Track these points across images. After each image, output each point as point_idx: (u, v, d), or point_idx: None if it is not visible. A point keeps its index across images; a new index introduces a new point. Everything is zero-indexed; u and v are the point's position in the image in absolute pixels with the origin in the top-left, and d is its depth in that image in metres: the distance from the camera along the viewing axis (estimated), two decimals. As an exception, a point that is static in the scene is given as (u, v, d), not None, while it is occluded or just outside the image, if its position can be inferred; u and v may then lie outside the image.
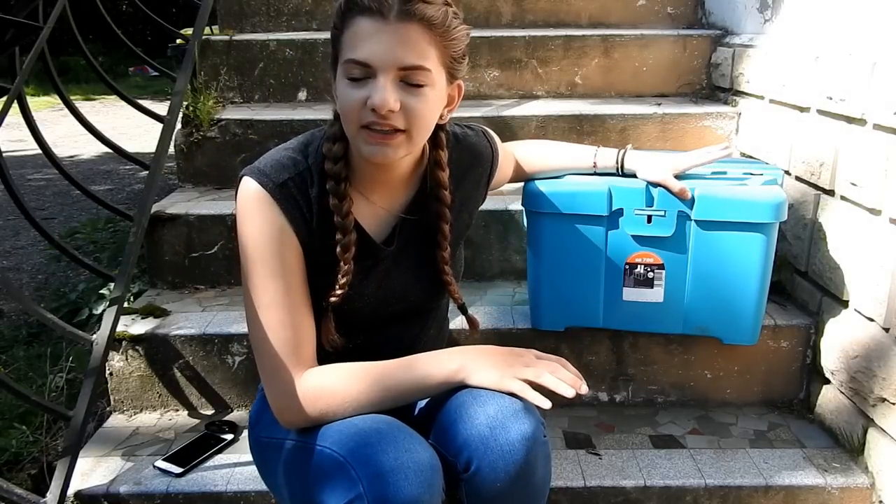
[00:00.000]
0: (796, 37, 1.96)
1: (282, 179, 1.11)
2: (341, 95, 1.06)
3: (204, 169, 2.20)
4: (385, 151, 1.07)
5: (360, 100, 1.03)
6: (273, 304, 1.11)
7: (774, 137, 1.96)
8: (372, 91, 1.02)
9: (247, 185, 1.11)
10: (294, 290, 1.13)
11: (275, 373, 1.12)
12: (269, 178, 1.11)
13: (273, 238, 1.11)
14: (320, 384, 1.11)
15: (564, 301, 1.65)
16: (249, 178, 1.11)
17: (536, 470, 1.08)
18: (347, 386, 1.11)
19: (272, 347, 1.11)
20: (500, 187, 1.53)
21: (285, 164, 1.13)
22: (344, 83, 1.05)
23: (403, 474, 0.99)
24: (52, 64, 1.85)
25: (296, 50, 2.40)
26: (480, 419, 1.06)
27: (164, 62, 2.68)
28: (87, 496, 1.48)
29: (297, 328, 1.13)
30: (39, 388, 1.96)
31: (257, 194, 1.10)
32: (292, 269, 1.13)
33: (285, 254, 1.12)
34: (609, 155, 1.55)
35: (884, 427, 1.49)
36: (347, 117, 1.06)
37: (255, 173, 1.11)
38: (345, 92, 1.05)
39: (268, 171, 1.11)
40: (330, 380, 1.12)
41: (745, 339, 1.63)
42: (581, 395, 1.07)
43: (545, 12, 2.69)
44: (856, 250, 1.59)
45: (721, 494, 1.51)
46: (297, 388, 1.11)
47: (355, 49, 1.03)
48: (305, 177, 1.13)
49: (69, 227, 3.69)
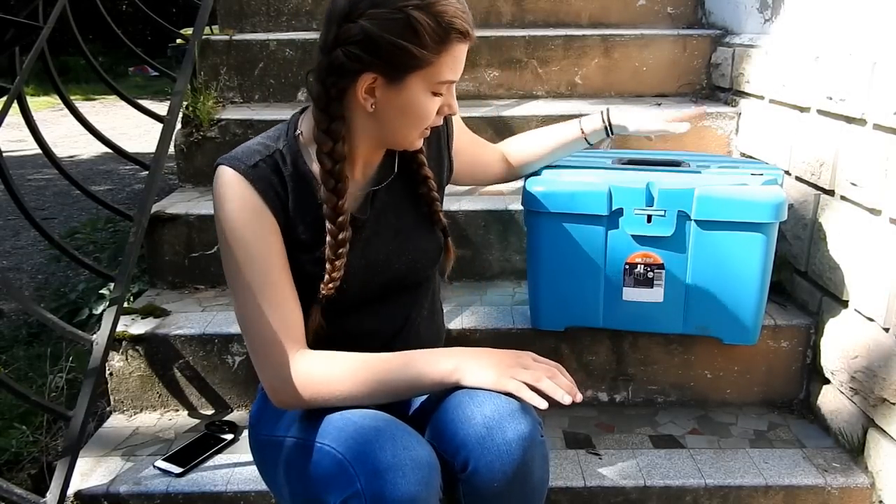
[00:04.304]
0: (796, 37, 1.96)
1: (254, 161, 1.14)
2: (422, 106, 1.12)
3: (204, 169, 2.20)
4: (422, 142, 1.21)
5: (437, 107, 1.15)
6: (257, 284, 1.12)
7: (774, 137, 1.96)
8: (450, 100, 1.16)
9: (220, 172, 1.14)
10: (277, 270, 1.14)
11: (266, 353, 1.12)
12: (242, 161, 1.14)
13: (250, 219, 1.13)
14: (315, 370, 1.11)
15: (564, 301, 1.65)
16: (223, 165, 1.14)
17: (534, 470, 1.09)
18: (342, 375, 1.11)
19: (262, 328, 1.12)
20: (485, 182, 1.56)
21: (257, 149, 1.17)
22: (427, 96, 1.12)
23: (401, 472, 0.99)
24: (52, 64, 1.85)
25: (296, 50, 2.40)
26: (477, 419, 1.07)
27: (164, 62, 2.68)
28: (87, 496, 1.48)
29: (284, 307, 1.13)
30: (39, 388, 1.96)
31: (231, 177, 1.13)
32: (273, 249, 1.14)
33: (264, 234, 1.13)
34: (593, 119, 1.56)
35: (884, 427, 1.49)
36: (420, 123, 1.15)
37: (227, 160, 1.15)
38: (427, 104, 1.13)
39: (239, 156, 1.15)
40: (324, 367, 1.12)
41: (745, 339, 1.63)
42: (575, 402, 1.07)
43: (545, 12, 2.69)
44: (856, 250, 1.59)
45: (721, 494, 1.51)
46: (291, 368, 1.11)
47: (453, 71, 1.11)
48: (277, 158, 1.16)
49: (69, 227, 3.69)
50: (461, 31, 1.08)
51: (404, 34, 1.05)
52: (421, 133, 1.17)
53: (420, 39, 1.05)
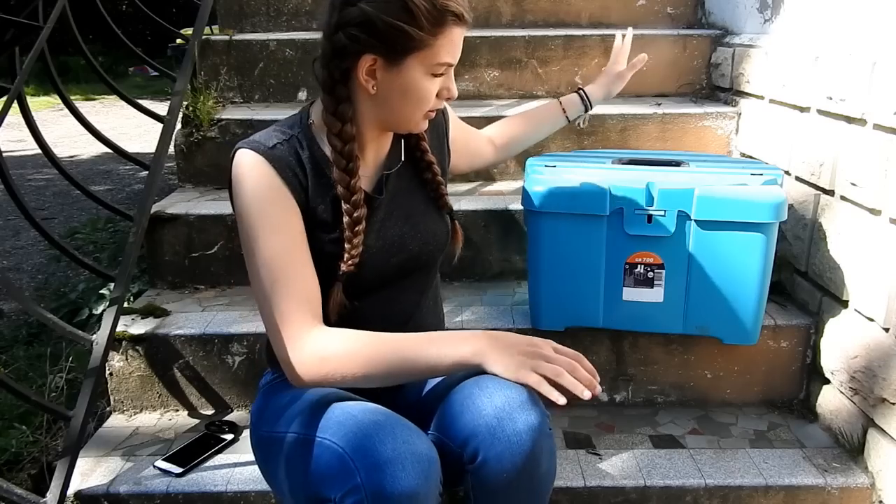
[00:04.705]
0: (796, 37, 1.96)
1: (272, 143, 1.17)
2: (421, 88, 1.15)
3: (204, 169, 2.20)
4: (426, 125, 1.24)
5: (436, 90, 1.17)
6: (277, 259, 1.13)
7: (774, 137, 1.96)
8: (450, 84, 1.19)
9: (241, 154, 1.17)
10: (297, 247, 1.16)
11: (285, 327, 1.12)
12: (261, 143, 1.17)
13: (271, 198, 1.15)
14: (333, 345, 1.12)
15: (564, 301, 1.65)
16: (242, 148, 1.17)
17: (542, 462, 1.09)
18: (361, 351, 1.11)
19: (281, 301, 1.12)
20: (480, 166, 1.62)
21: (274, 134, 1.20)
22: (427, 78, 1.15)
23: (401, 465, 0.99)
24: (52, 64, 1.85)
25: (296, 50, 2.40)
26: (488, 410, 1.07)
27: (164, 62, 2.68)
28: (87, 496, 1.48)
29: (304, 282, 1.14)
30: (39, 388, 1.96)
31: (252, 158, 1.15)
32: (293, 226, 1.16)
33: (284, 212, 1.15)
34: (572, 98, 1.67)
35: (884, 427, 1.49)
36: (421, 105, 1.17)
37: (246, 143, 1.17)
38: (427, 86, 1.16)
39: (258, 140, 1.18)
40: (344, 342, 1.12)
41: (746, 339, 1.64)
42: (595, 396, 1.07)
43: (545, 12, 2.69)
44: (856, 250, 1.59)
45: (721, 494, 1.51)
46: (308, 343, 1.11)
47: (450, 53, 1.15)
48: (294, 143, 1.19)
49: (69, 227, 3.70)
50: (456, 13, 1.11)
51: (401, 16, 1.09)
52: (424, 115, 1.20)
53: (416, 21, 1.09)
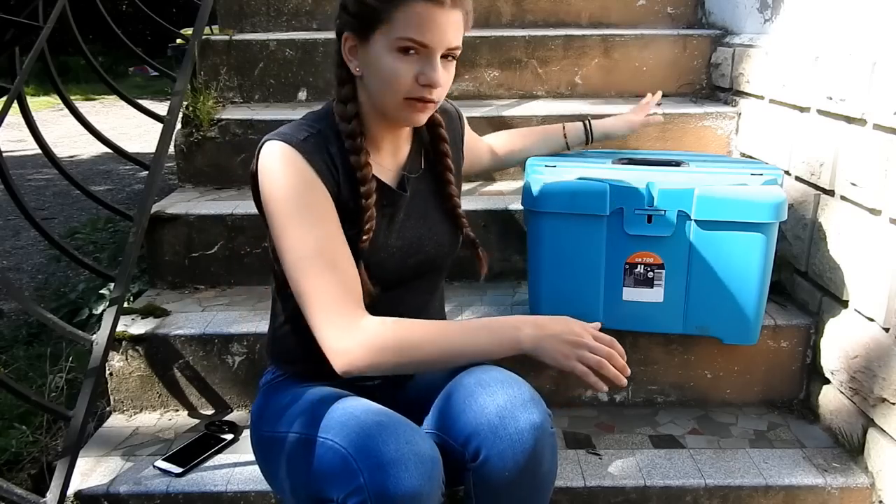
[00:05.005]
0: (796, 37, 1.96)
1: (303, 136, 1.17)
2: (387, 66, 1.12)
3: (204, 169, 2.20)
4: (420, 118, 1.19)
5: (410, 73, 1.12)
6: (318, 251, 1.13)
7: (774, 137, 1.96)
8: (426, 69, 1.12)
9: (271, 146, 1.15)
10: (335, 237, 1.15)
11: (332, 316, 1.12)
12: (292, 136, 1.16)
13: (305, 189, 1.14)
14: (384, 333, 1.12)
15: (564, 301, 1.65)
16: (272, 140, 1.16)
17: (544, 460, 1.10)
18: (411, 339, 1.12)
19: (327, 290, 1.12)
20: (476, 171, 1.64)
21: (303, 127, 1.19)
22: (392, 56, 1.12)
23: (404, 465, 0.99)
24: (52, 64, 1.85)
25: (296, 50, 2.40)
26: (490, 408, 1.08)
27: (164, 62, 2.68)
28: (87, 496, 1.48)
29: (346, 272, 1.15)
30: (39, 388, 1.96)
31: (283, 150, 1.14)
32: (329, 217, 1.16)
33: (319, 202, 1.15)
34: (576, 127, 1.73)
35: (884, 427, 1.49)
36: (392, 87, 1.13)
37: (276, 136, 1.17)
38: (393, 65, 1.12)
39: (288, 132, 1.17)
40: (395, 331, 1.13)
41: (745, 339, 1.63)
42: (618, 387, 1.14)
43: (545, 12, 2.69)
44: (856, 250, 1.59)
45: (721, 494, 1.51)
46: (358, 331, 1.11)
47: (414, 30, 1.10)
48: (320, 139, 1.19)
49: (69, 227, 3.70)
50: None
51: None
52: (407, 104, 1.15)
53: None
